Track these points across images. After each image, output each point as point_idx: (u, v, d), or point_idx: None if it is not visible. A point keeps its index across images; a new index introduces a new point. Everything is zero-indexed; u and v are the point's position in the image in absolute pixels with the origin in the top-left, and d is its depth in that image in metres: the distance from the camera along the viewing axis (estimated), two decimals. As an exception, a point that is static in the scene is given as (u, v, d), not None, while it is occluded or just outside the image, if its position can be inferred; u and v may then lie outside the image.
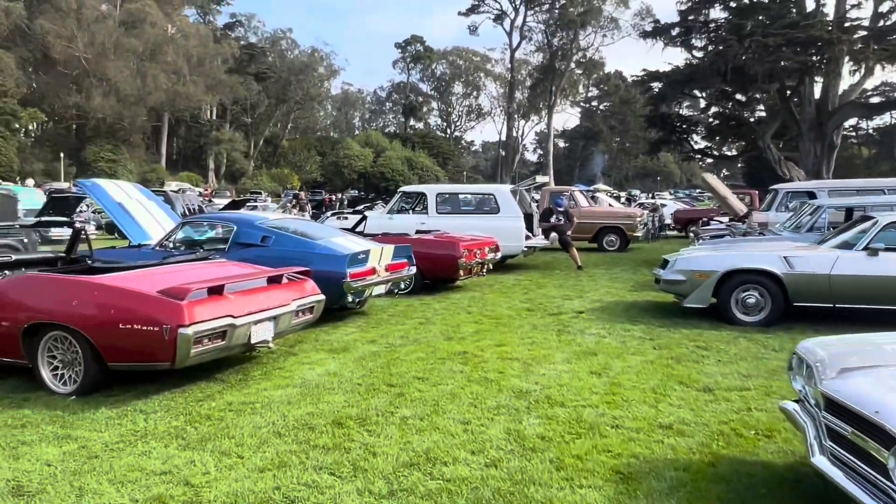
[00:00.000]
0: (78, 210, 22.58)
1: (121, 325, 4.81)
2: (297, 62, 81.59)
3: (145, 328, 4.75)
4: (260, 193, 51.70)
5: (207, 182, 69.69)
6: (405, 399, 4.93)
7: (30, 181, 50.02)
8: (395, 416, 4.57)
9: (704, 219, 17.66)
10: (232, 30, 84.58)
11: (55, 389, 5.11)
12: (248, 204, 29.43)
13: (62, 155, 58.90)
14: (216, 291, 5.13)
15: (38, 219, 9.31)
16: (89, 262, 6.36)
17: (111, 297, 4.93)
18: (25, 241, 10.26)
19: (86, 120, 65.37)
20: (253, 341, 5.38)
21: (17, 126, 57.78)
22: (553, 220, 13.81)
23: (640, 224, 18.26)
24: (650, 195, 50.03)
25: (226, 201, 34.46)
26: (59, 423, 4.46)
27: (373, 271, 7.91)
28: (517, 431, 4.26)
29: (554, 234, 13.71)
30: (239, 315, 5.17)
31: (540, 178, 14.83)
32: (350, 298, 7.59)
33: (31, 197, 31.57)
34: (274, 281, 5.88)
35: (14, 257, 6.66)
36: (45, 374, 5.16)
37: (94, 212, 24.32)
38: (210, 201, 37.76)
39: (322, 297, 6.27)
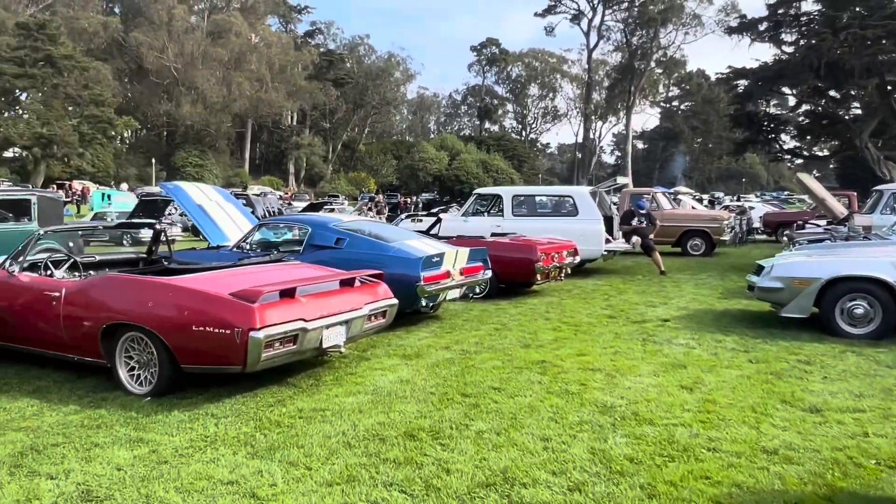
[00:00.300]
0: (167, 212, 23.57)
1: (193, 328, 4.76)
2: (374, 67, 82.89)
3: (217, 331, 4.67)
4: (337, 196, 52.70)
5: (288, 186, 71.67)
6: (480, 411, 4.67)
7: (124, 185, 52.78)
8: (470, 429, 4.31)
9: (799, 222, 16.59)
10: (312, 37, 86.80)
11: (131, 390, 5.13)
12: (325, 207, 30.02)
13: (153, 160, 61.86)
14: (288, 294, 5.02)
15: (120, 221, 9.56)
16: (165, 262, 6.41)
17: (184, 298, 4.89)
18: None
19: (175, 127, 68.51)
20: (325, 346, 5.25)
21: (113, 133, 61.02)
22: (634, 222, 13.25)
23: (727, 227, 17.34)
24: (735, 197, 47.98)
25: (304, 204, 35.27)
26: (132, 425, 4.43)
27: (447, 275, 7.70)
28: (602, 451, 3.92)
29: (636, 238, 13.14)
30: (311, 319, 5.04)
31: (621, 180, 14.27)
32: (424, 302, 7.40)
33: (124, 200, 33.33)
34: (346, 284, 5.74)
35: (98, 257, 6.80)
36: (123, 374, 5.18)
37: (180, 214, 25.23)
38: (289, 204, 38.68)
39: (395, 301, 6.10)
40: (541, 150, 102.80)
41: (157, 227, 7.05)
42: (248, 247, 8.21)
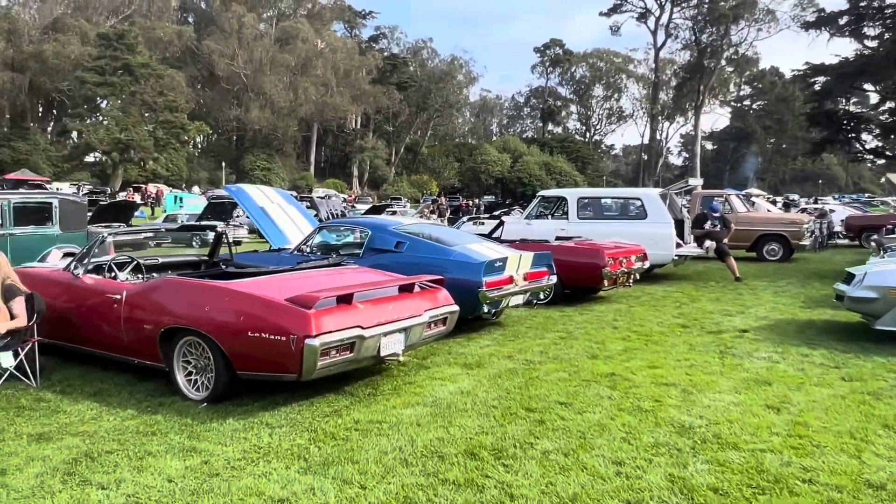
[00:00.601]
0: (234, 215, 24.04)
1: (249, 333, 4.63)
2: (437, 70, 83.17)
3: (272, 337, 4.53)
4: (400, 199, 53.03)
5: (351, 188, 72.64)
6: (546, 428, 4.36)
7: (196, 188, 54.56)
8: (535, 448, 4.02)
9: (889, 225, 15.48)
10: (376, 42, 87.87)
11: (188, 395, 5.05)
12: (387, 209, 30.12)
13: (223, 164, 63.76)
14: (345, 300, 4.84)
15: (181, 223, 9.64)
16: (223, 266, 6.35)
17: (240, 303, 4.77)
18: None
19: (244, 131, 70.44)
20: (382, 354, 5.04)
21: (186, 138, 63.18)
22: (707, 226, 12.60)
23: (806, 231, 16.38)
24: (812, 200, 45.77)
25: (368, 207, 35.53)
26: (186, 433, 4.32)
27: (510, 280, 7.40)
28: (682, 479, 3.56)
29: (709, 242, 12.50)
30: (368, 326, 4.85)
31: (692, 181, 13.61)
32: (486, 309, 7.12)
33: (195, 203, 34.35)
34: (405, 289, 5.53)
35: (161, 259, 6.82)
36: (180, 379, 5.11)
37: (247, 216, 25.73)
38: (353, 207, 39.11)
39: (456, 307, 5.84)
40: (605, 152, 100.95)
41: (219, 229, 7.04)
42: (308, 250, 8.13)
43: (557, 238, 11.03)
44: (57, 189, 50.86)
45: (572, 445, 4.05)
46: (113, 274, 6.18)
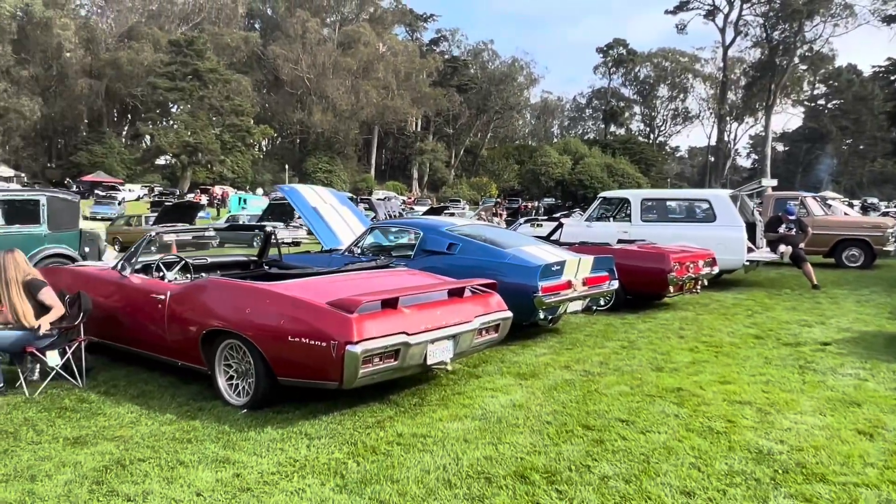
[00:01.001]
0: (296, 216, 24.27)
1: (289, 338, 4.40)
2: (497, 72, 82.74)
3: (312, 342, 4.29)
4: (459, 201, 52.86)
5: (411, 191, 72.97)
6: (605, 449, 3.97)
7: (259, 190, 55.74)
8: (592, 472, 3.63)
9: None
10: (437, 44, 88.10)
11: (229, 400, 4.87)
12: (445, 211, 29.95)
13: (287, 166, 65.00)
14: (390, 304, 4.56)
15: (228, 223, 9.55)
16: (266, 267, 6.18)
17: (280, 305, 4.56)
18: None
19: (307, 134, 71.74)
20: (429, 362, 4.74)
21: (251, 141, 64.74)
22: (782, 230, 11.83)
23: (890, 236, 15.27)
24: (894, 203, 43.29)
25: (426, 208, 35.44)
26: (222, 442, 4.12)
27: (568, 285, 6.99)
28: (763, 516, 3.13)
29: (784, 247, 11.72)
30: (414, 332, 4.55)
31: (766, 182, 12.80)
32: (542, 315, 6.74)
33: (258, 204, 35.00)
34: (455, 294, 5.21)
35: (210, 259, 6.72)
36: (221, 382, 4.94)
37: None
38: (411, 209, 39.10)
39: (509, 314, 5.49)
40: (669, 154, 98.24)
41: (267, 229, 6.90)
42: (359, 251, 7.92)
43: (619, 241, 10.53)
44: (129, 190, 52.94)
45: (635, 471, 3.65)
46: (161, 273, 6.11)
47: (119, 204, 41.57)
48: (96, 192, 48.86)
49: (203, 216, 37.49)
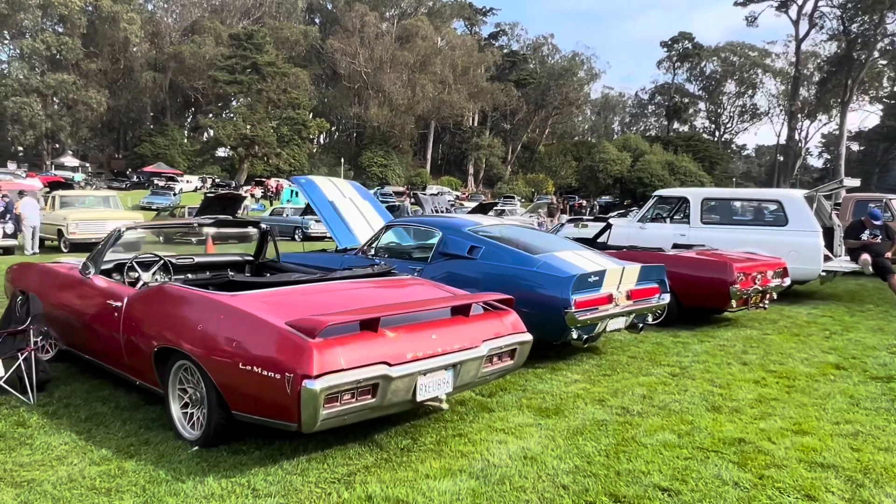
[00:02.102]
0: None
1: (240, 364, 3.53)
2: (556, 67, 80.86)
3: (265, 373, 3.40)
4: (512, 198, 51.53)
5: (466, 186, 72.04)
6: (636, 536, 2.94)
7: (312, 183, 55.77)
8: (613, 578, 2.62)
9: None
10: (496, 39, 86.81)
11: (182, 432, 4.03)
12: (494, 208, 28.84)
13: (342, 160, 65.07)
14: (369, 326, 3.63)
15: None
16: (230, 274, 5.33)
17: (234, 322, 3.68)
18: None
19: (363, 128, 71.70)
20: (419, 398, 3.79)
21: (307, 134, 64.97)
22: (865, 236, 10.35)
23: None
24: None
25: (475, 205, 34.43)
26: (148, 495, 3.28)
27: (609, 299, 5.91)
28: None
29: (866, 256, 10.24)
30: (398, 361, 3.61)
31: (848, 181, 11.31)
32: (575, 335, 5.68)
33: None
34: (459, 311, 4.23)
35: (196, 259, 5.93)
36: (175, 410, 4.11)
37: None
38: (462, 205, 38.16)
39: (528, 336, 4.47)
40: (735, 152, 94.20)
41: (262, 226, 6.08)
42: (372, 252, 7.02)
43: (675, 246, 9.31)
44: (186, 181, 53.75)
45: (673, 578, 2.62)
46: (136, 275, 5.34)
47: (175, 195, 42.07)
48: (155, 181, 49.77)
49: (256, 208, 37.45)
